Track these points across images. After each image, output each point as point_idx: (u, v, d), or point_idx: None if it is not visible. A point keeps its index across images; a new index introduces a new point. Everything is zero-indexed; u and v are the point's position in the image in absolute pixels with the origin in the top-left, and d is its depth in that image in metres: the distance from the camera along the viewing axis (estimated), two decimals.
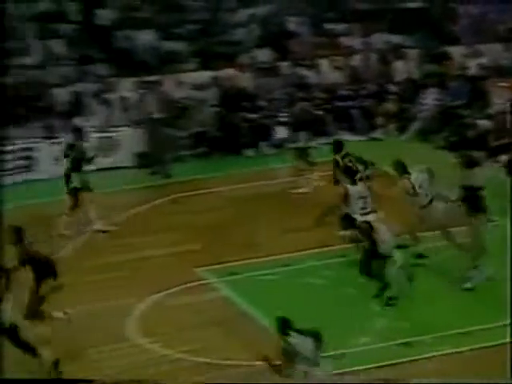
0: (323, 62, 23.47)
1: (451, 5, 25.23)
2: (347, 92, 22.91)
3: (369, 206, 14.79)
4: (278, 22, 24.45)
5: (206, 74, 22.64)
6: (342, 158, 15.72)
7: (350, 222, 14.69)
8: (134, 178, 20.45)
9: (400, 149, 19.56)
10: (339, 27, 24.51)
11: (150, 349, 12.74)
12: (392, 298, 13.50)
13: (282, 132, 21.39)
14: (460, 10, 25.03)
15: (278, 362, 10.77)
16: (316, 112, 21.48)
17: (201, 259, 15.44)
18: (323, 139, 20.95)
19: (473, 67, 23.11)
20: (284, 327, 11.02)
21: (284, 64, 23.28)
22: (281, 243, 15.69)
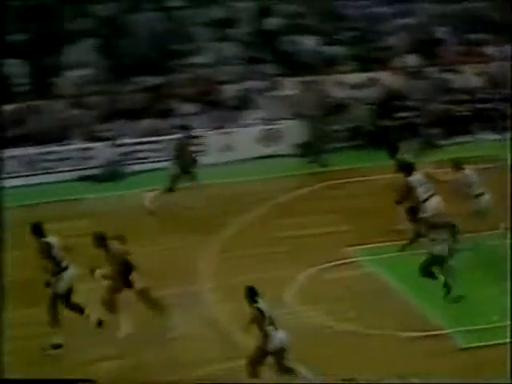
0: (466, 68, 24.31)
1: None
2: (486, 95, 23.56)
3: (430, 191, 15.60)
4: (426, 31, 25.18)
5: (363, 76, 23.78)
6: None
7: (415, 214, 14.84)
8: (294, 166, 21.22)
9: None
10: (480, 37, 25.31)
11: (307, 316, 13.67)
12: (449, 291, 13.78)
13: (427, 130, 22.31)
14: None
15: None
16: (458, 113, 22.81)
17: (351, 239, 16.23)
18: (464, 137, 22.38)
19: None
20: (252, 295, 11.51)
21: (431, 69, 24.17)
22: None
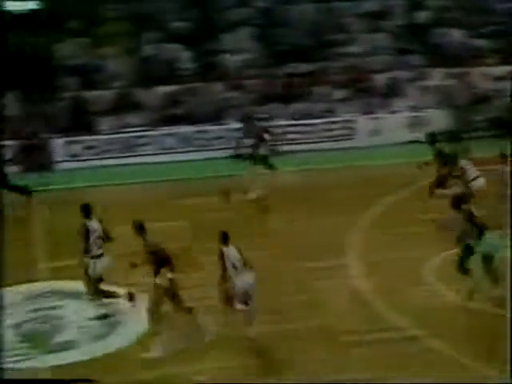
0: None
1: None
2: None
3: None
4: None
5: (505, 69, 24.64)
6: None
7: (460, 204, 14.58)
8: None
9: None
10: None
11: (443, 294, 14.06)
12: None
13: None
14: None
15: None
16: None
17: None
18: None
19: None
20: (224, 239, 12.60)
21: None
22: None
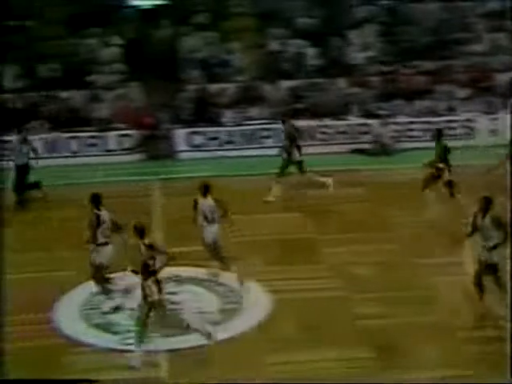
0: None
1: None
2: None
3: None
4: None
5: None
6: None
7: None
8: None
9: None
10: None
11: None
12: None
13: None
14: None
15: None
16: None
17: None
18: None
19: None
20: (205, 191, 14.34)
21: None
22: None
